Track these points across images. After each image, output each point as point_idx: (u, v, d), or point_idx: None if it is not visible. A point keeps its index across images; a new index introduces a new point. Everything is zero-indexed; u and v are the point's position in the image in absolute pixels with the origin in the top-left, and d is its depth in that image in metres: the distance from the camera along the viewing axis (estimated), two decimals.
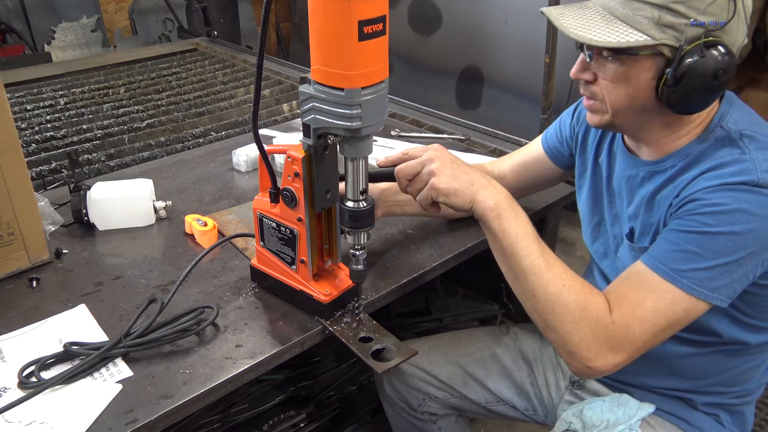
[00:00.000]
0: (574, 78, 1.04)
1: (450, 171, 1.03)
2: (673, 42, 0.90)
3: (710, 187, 0.93)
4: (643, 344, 0.95)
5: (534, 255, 0.99)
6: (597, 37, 0.92)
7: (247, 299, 1.16)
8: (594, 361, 0.95)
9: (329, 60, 0.86)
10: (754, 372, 1.13)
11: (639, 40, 0.90)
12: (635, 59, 0.94)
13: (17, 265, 1.23)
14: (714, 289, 0.92)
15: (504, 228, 1.00)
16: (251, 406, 1.58)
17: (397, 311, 1.98)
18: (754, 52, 2.74)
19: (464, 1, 3.20)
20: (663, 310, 0.93)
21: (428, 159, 1.05)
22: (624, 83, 0.96)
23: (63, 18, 3.61)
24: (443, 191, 1.03)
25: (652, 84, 0.94)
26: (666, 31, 0.90)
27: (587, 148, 1.24)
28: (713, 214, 0.91)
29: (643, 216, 1.08)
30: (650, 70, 0.94)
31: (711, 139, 0.99)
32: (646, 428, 1.14)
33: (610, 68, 0.97)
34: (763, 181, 0.90)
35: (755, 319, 1.04)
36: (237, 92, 2.47)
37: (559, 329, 0.97)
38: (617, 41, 0.91)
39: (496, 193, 1.03)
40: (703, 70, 0.89)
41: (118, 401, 0.93)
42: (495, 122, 2.24)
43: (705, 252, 0.92)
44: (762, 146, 0.95)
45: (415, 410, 1.47)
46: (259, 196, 1.12)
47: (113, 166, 1.86)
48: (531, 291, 0.99)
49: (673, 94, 0.92)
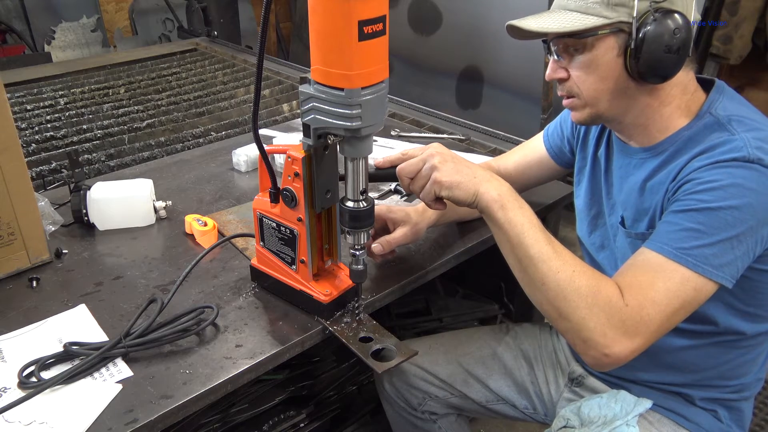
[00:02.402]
0: (549, 79, 1.08)
1: (452, 165, 1.04)
2: (627, 18, 0.96)
3: (703, 166, 0.96)
4: (658, 327, 0.94)
5: (541, 243, 0.98)
6: (555, 27, 0.99)
7: (247, 299, 1.16)
8: (611, 347, 0.93)
9: (329, 60, 0.87)
10: (750, 366, 1.13)
11: (595, 22, 0.97)
12: (597, 43, 0.99)
13: (17, 265, 1.23)
14: (719, 267, 0.93)
15: (509, 218, 1.00)
16: (251, 406, 1.58)
17: (397, 311, 1.98)
18: (754, 52, 2.74)
19: (464, 1, 3.19)
20: (674, 290, 0.93)
21: (429, 155, 1.05)
22: (593, 69, 1.01)
23: (63, 18, 3.61)
24: (446, 184, 1.03)
25: (619, 62, 0.99)
26: (617, 9, 0.96)
27: (588, 143, 1.26)
28: (709, 191, 0.94)
29: (636, 202, 1.10)
30: (613, 48, 0.98)
31: (700, 124, 1.02)
32: (643, 424, 1.14)
33: (577, 60, 1.02)
34: (754, 157, 0.93)
35: (751, 307, 1.05)
36: (237, 92, 2.47)
37: (573, 316, 0.95)
38: (573, 26, 0.98)
39: (498, 185, 1.03)
40: (660, 32, 0.93)
41: (118, 401, 0.93)
42: (495, 122, 2.24)
43: (706, 228, 0.93)
44: (750, 128, 0.98)
45: (415, 409, 1.47)
46: (259, 196, 1.12)
47: (113, 166, 1.86)
48: (541, 279, 0.97)
49: (640, 64, 0.96)
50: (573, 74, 1.04)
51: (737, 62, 2.74)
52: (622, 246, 1.14)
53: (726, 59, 2.76)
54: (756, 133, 0.96)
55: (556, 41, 1.04)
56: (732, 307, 1.05)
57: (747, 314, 1.06)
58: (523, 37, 1.08)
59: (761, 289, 1.03)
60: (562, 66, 1.05)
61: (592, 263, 1.27)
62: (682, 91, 1.04)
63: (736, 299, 1.04)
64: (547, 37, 1.05)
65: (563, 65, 1.05)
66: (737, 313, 1.05)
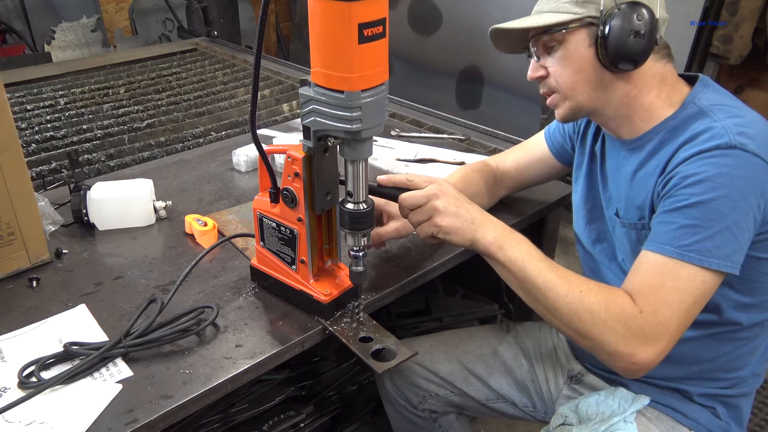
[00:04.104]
0: (531, 79, 1.15)
1: (454, 209, 1.06)
2: (595, 12, 1.03)
3: (687, 158, 0.98)
4: (677, 327, 0.96)
5: (545, 272, 1.01)
6: (528, 24, 1.08)
7: (247, 299, 1.17)
8: (636, 355, 0.96)
9: (329, 63, 0.87)
10: (747, 358, 1.14)
11: (566, 17, 1.04)
12: (569, 37, 1.06)
13: (17, 265, 1.23)
14: (724, 257, 0.95)
15: (509, 256, 1.04)
16: (251, 406, 1.58)
17: (397, 311, 1.98)
18: (754, 52, 2.74)
19: (464, 1, 3.20)
20: (684, 288, 0.95)
21: (434, 194, 1.06)
22: (568, 62, 1.07)
23: (63, 18, 3.61)
24: (444, 229, 1.05)
25: (591, 52, 1.05)
26: (586, 6, 1.03)
27: (587, 139, 1.28)
28: (697, 184, 0.96)
29: (627, 193, 1.12)
30: (585, 41, 1.05)
31: (684, 114, 1.06)
32: (641, 420, 1.15)
33: (554, 56, 1.09)
34: (736, 142, 0.95)
35: (748, 296, 1.06)
36: (237, 92, 2.47)
37: (591, 334, 0.98)
38: (545, 22, 1.06)
39: (493, 227, 1.06)
40: (625, 20, 0.99)
41: (118, 401, 0.93)
42: (495, 122, 2.24)
43: (702, 222, 0.95)
44: (731, 114, 1.00)
45: (415, 408, 1.47)
46: (259, 196, 1.12)
47: (113, 166, 1.86)
48: (552, 307, 1.01)
49: (609, 52, 1.02)
50: (551, 70, 1.10)
51: (737, 62, 2.74)
52: (620, 237, 1.16)
53: (726, 59, 2.76)
54: (737, 119, 0.99)
55: (534, 42, 1.11)
56: (729, 298, 1.06)
57: (743, 304, 1.07)
58: (503, 46, 1.18)
59: (758, 278, 1.05)
60: (541, 65, 1.12)
61: (588, 257, 1.29)
62: (661, 81, 1.08)
63: (732, 289, 1.05)
64: (523, 34, 1.12)
65: (542, 64, 1.12)
66: (734, 303, 1.07)
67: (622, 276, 1.15)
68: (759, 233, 0.99)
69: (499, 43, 1.18)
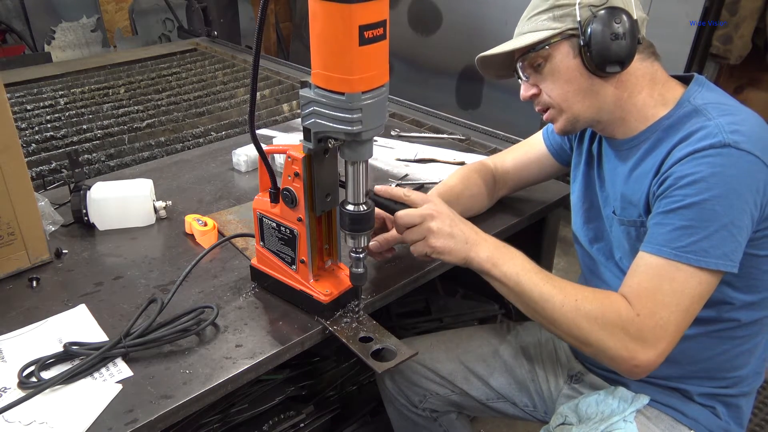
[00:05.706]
0: (524, 99, 1.16)
1: (448, 230, 1.06)
2: (574, 24, 1.05)
3: (682, 158, 0.99)
4: (676, 328, 0.97)
5: (540, 285, 1.03)
6: (511, 46, 1.10)
7: (247, 299, 1.17)
8: (637, 358, 0.97)
9: (330, 64, 0.87)
10: (747, 357, 1.14)
11: (546, 34, 1.06)
12: (553, 51, 1.07)
13: (17, 265, 1.23)
14: (721, 256, 0.96)
15: (504, 272, 1.05)
16: (251, 406, 1.58)
17: (397, 311, 1.98)
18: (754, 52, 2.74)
19: (464, 1, 3.20)
20: (681, 290, 0.96)
21: (429, 215, 1.07)
22: (557, 76, 1.09)
23: (63, 18, 3.61)
24: (438, 249, 1.07)
25: (577, 62, 1.06)
26: (564, 20, 1.05)
27: (584, 139, 1.29)
28: (691, 185, 0.96)
29: (623, 192, 1.13)
30: (569, 52, 1.07)
31: (680, 113, 1.06)
32: (641, 420, 1.15)
33: (542, 73, 1.10)
34: (729, 140, 0.96)
35: (747, 294, 1.06)
36: (237, 92, 2.47)
37: (591, 341, 1.00)
38: (526, 42, 1.08)
39: (486, 245, 1.08)
40: (604, 24, 1.01)
41: (118, 401, 0.93)
42: (495, 122, 2.24)
43: (698, 222, 0.96)
44: (725, 113, 1.01)
45: (416, 407, 1.47)
46: (259, 196, 1.12)
47: (113, 166, 1.86)
48: (550, 317, 1.02)
49: (594, 57, 1.03)
50: (542, 87, 1.12)
51: (737, 62, 2.74)
52: (618, 236, 1.17)
53: (726, 59, 2.76)
54: (730, 117, 0.99)
55: (521, 64, 1.12)
56: (728, 295, 1.06)
57: (743, 302, 1.07)
58: (490, 73, 1.22)
59: (757, 275, 1.05)
60: (532, 84, 1.13)
61: (586, 256, 1.29)
62: (651, 80, 1.09)
63: (731, 287, 1.05)
64: (509, 59, 1.14)
65: (532, 83, 1.13)
66: (733, 301, 1.07)
67: (619, 274, 1.16)
68: (757, 230, 1.00)
69: (486, 71, 1.22)
